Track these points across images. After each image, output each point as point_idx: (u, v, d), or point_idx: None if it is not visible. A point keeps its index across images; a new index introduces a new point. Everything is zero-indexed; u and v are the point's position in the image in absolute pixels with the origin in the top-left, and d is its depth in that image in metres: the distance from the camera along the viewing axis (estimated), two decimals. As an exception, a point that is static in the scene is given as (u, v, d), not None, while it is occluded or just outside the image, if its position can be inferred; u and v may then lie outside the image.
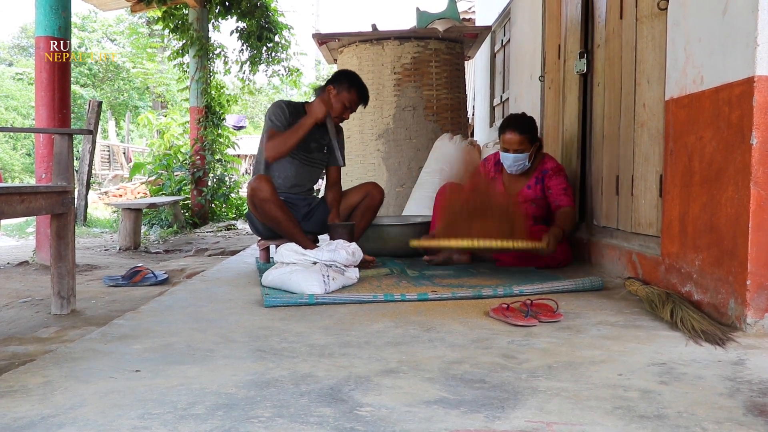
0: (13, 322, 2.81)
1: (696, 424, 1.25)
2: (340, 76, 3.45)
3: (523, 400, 1.38)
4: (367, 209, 3.49)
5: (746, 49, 1.93)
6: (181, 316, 2.28)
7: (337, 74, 3.50)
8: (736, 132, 1.99)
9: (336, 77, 3.45)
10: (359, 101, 3.42)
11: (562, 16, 3.95)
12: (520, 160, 3.34)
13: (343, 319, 2.21)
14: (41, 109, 4.49)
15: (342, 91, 3.36)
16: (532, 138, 3.35)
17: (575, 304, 2.42)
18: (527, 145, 3.33)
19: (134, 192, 12.30)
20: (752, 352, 1.76)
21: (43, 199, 2.55)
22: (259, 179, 3.20)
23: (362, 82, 3.44)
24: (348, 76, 3.45)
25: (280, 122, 3.32)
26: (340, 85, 3.37)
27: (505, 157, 3.38)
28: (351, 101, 3.38)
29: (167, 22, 8.42)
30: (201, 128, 8.48)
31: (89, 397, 1.43)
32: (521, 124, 3.34)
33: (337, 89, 3.37)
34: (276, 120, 3.33)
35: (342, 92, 3.36)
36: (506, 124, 3.38)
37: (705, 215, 2.17)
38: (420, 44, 5.21)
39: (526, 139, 3.32)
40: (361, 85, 3.42)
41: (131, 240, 5.99)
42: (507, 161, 3.37)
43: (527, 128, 3.34)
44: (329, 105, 3.36)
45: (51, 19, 4.45)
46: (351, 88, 3.37)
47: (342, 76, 3.44)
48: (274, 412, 1.32)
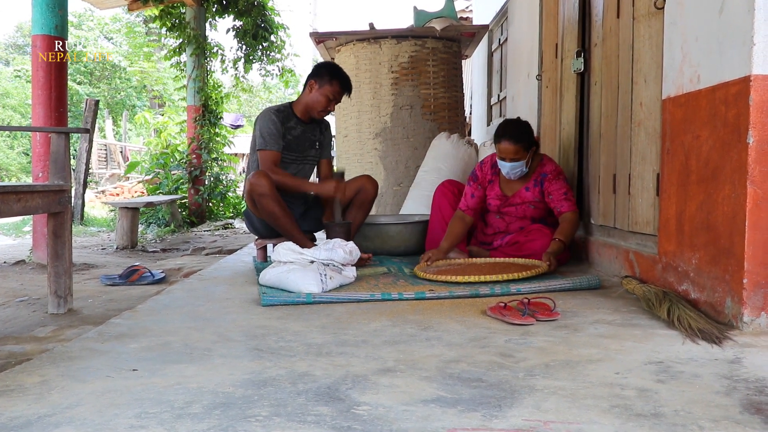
0: (10, 321, 2.80)
1: (693, 423, 1.25)
2: (320, 70, 3.42)
3: (521, 399, 1.38)
4: (362, 203, 3.47)
5: (742, 48, 1.94)
6: (178, 315, 2.27)
7: (317, 67, 3.47)
8: (733, 131, 1.99)
9: (316, 71, 3.43)
10: (342, 91, 3.40)
11: (559, 15, 3.95)
12: (516, 168, 3.31)
13: (340, 318, 2.21)
14: (38, 107, 4.48)
15: (324, 84, 3.36)
16: (528, 145, 3.30)
17: (572, 302, 2.42)
18: (523, 153, 3.28)
19: (131, 191, 12.28)
20: (749, 350, 1.76)
21: (39, 197, 2.55)
22: (258, 175, 3.19)
23: (343, 73, 3.43)
24: (328, 67, 3.44)
25: (273, 139, 3.29)
26: (321, 79, 3.36)
27: (502, 165, 3.34)
28: (334, 93, 3.38)
29: (164, 21, 8.40)
30: (198, 127, 8.47)
31: (86, 396, 1.43)
32: (517, 133, 3.26)
33: (318, 83, 3.37)
34: (269, 137, 3.29)
35: (324, 85, 3.36)
36: (501, 132, 3.29)
37: (702, 214, 2.17)
38: (417, 43, 5.21)
39: (522, 147, 3.26)
40: (342, 76, 3.40)
41: (128, 239, 5.98)
42: (504, 169, 3.34)
43: (522, 136, 3.26)
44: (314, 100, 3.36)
45: (48, 17, 4.44)
46: (332, 80, 3.36)
47: (322, 69, 3.43)
48: (271, 411, 1.32)
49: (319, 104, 3.38)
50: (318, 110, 3.39)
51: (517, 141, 3.25)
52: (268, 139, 3.29)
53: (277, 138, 3.31)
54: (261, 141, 3.31)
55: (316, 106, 3.38)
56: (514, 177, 3.37)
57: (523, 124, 3.34)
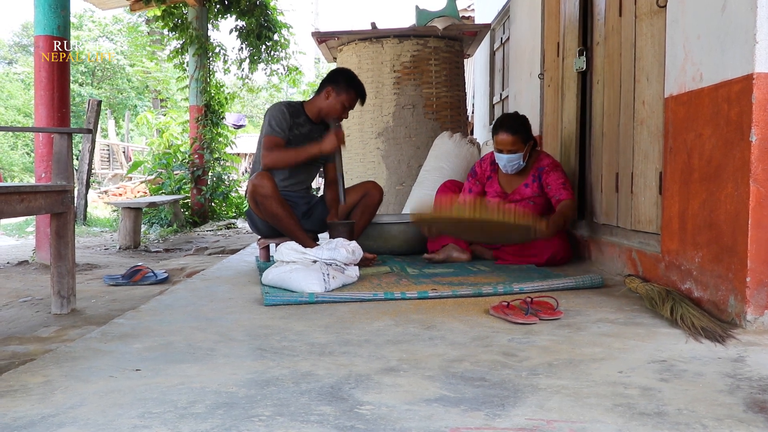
0: (13, 321, 2.81)
1: (696, 421, 1.25)
2: (337, 76, 3.44)
3: (524, 398, 1.38)
4: (366, 208, 3.49)
5: (745, 46, 1.93)
6: (181, 315, 2.28)
7: (334, 74, 3.49)
8: (736, 129, 1.99)
9: (333, 77, 3.44)
10: (356, 99, 3.43)
11: (561, 13, 3.95)
12: (513, 161, 3.33)
13: (343, 317, 2.22)
14: (40, 108, 4.49)
15: (341, 92, 3.38)
16: (525, 137, 3.33)
17: (575, 301, 2.42)
18: (520, 145, 3.32)
19: (134, 191, 12.30)
20: (752, 348, 1.76)
21: (42, 198, 2.55)
22: (261, 176, 3.20)
23: (359, 81, 3.45)
24: (345, 75, 3.45)
25: (280, 128, 3.31)
26: (338, 86, 3.38)
27: (499, 158, 3.37)
28: (350, 101, 3.40)
29: (166, 21, 8.42)
30: (200, 127, 8.48)
31: (89, 396, 1.43)
32: (513, 125, 3.32)
33: (336, 90, 3.39)
34: (276, 125, 3.31)
35: (341, 93, 3.38)
36: (498, 124, 3.36)
37: (704, 212, 2.17)
38: (419, 42, 5.21)
39: (519, 139, 3.30)
40: (359, 85, 3.43)
41: (131, 239, 5.99)
42: (501, 161, 3.36)
43: (519, 128, 3.32)
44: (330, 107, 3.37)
45: (50, 18, 4.45)
46: (349, 88, 3.39)
47: (339, 76, 3.44)
48: (274, 411, 1.32)
49: (335, 111, 3.40)
50: (333, 117, 3.41)
51: (514, 132, 3.29)
52: (275, 127, 3.32)
53: (285, 128, 3.32)
54: (267, 128, 3.33)
55: (332, 113, 3.40)
56: (511, 170, 3.39)
57: (521, 118, 3.39)
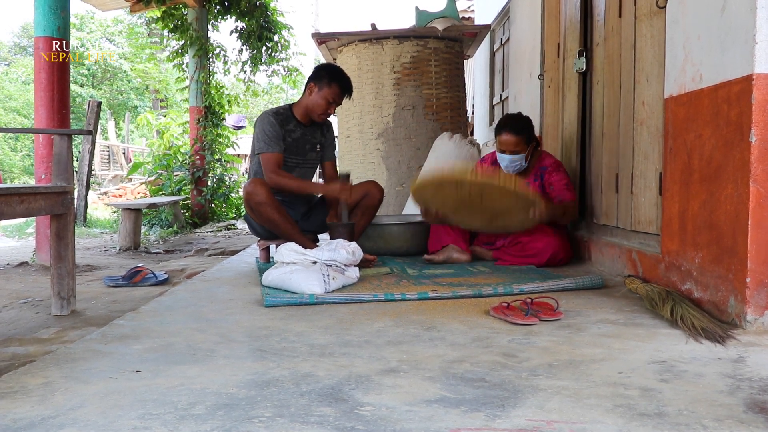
0: (13, 322, 2.81)
1: (696, 422, 1.25)
2: (319, 72, 3.36)
3: (524, 399, 1.38)
4: (366, 208, 3.46)
5: (745, 47, 1.93)
6: (182, 317, 2.28)
7: (317, 69, 3.41)
8: (735, 130, 1.99)
9: (316, 73, 3.36)
10: (342, 94, 3.33)
11: (561, 14, 3.95)
12: (516, 161, 3.34)
13: (343, 318, 2.21)
14: (40, 109, 4.49)
15: (323, 87, 3.29)
16: (528, 138, 3.34)
17: (575, 302, 2.42)
18: (523, 146, 3.32)
19: (134, 192, 12.31)
20: (752, 349, 1.76)
21: (42, 199, 2.55)
22: (254, 183, 3.18)
23: (343, 74, 3.35)
24: (327, 69, 3.37)
25: (272, 141, 3.26)
26: (321, 81, 3.30)
27: (501, 158, 3.37)
28: (334, 96, 3.30)
29: (166, 22, 8.42)
30: (200, 128, 8.48)
31: (89, 397, 1.43)
32: (517, 126, 3.32)
33: (318, 85, 3.30)
34: (271, 140, 3.26)
35: (323, 88, 3.29)
36: (502, 125, 3.36)
37: (704, 213, 2.17)
38: (419, 43, 5.21)
39: (522, 140, 3.31)
40: (342, 78, 3.33)
41: (131, 240, 5.99)
42: (503, 162, 3.36)
43: (523, 129, 3.32)
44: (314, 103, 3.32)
45: (50, 19, 4.45)
46: (331, 82, 3.29)
47: (321, 71, 3.35)
48: (274, 412, 1.32)
49: (319, 107, 3.32)
50: (318, 113, 3.34)
51: (517, 133, 3.30)
52: (268, 142, 3.25)
53: (278, 140, 3.27)
54: (261, 144, 3.27)
55: (316, 110, 3.33)
56: (513, 171, 3.39)
57: (524, 118, 3.39)
